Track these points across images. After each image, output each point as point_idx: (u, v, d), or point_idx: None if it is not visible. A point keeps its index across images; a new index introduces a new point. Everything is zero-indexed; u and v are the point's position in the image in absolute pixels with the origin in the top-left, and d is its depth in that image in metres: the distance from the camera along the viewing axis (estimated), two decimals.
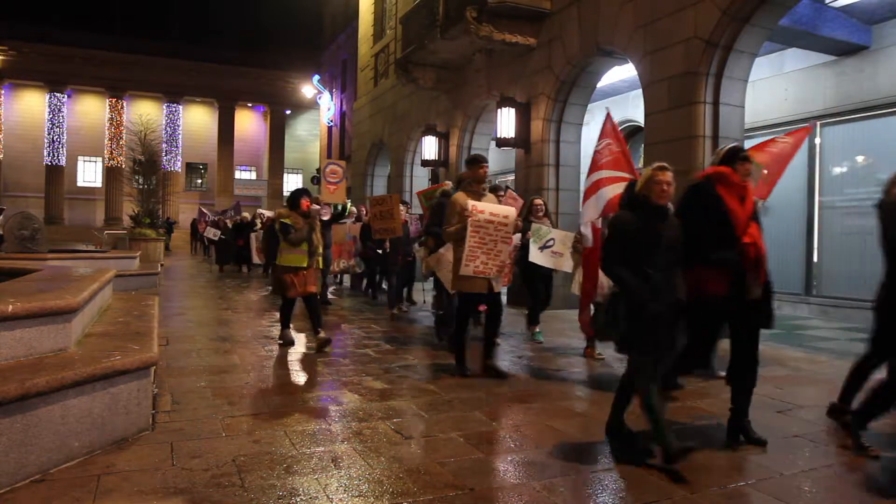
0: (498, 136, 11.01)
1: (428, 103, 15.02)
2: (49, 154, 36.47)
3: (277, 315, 6.93)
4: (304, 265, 6.22)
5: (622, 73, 10.74)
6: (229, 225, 18.99)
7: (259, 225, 15.98)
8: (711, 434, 3.87)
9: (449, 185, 7.74)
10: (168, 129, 38.05)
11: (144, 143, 19.67)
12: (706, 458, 3.46)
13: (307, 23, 43.01)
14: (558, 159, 10.38)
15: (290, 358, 5.97)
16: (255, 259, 16.09)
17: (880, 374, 3.70)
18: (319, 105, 30.10)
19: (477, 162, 5.37)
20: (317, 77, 29.33)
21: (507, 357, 6.17)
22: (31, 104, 36.87)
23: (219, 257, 18.21)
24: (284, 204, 6.73)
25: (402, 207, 9.14)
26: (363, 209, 11.94)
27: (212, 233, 19.12)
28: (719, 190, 3.62)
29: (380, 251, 9.77)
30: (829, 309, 9.28)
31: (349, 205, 12.06)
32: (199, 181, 40.94)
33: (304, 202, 6.29)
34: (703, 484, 3.10)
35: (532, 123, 10.70)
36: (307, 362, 5.81)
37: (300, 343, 6.65)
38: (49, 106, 36.62)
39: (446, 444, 3.60)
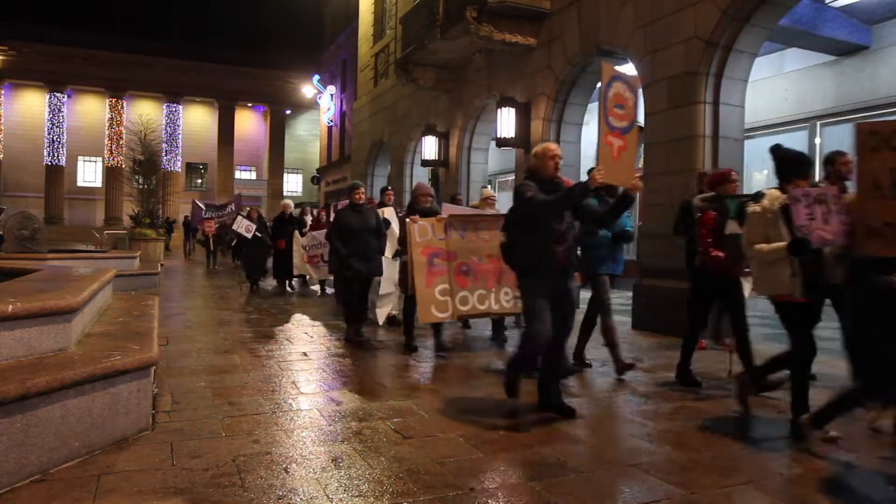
0: (498, 136, 11.02)
1: (428, 103, 15.03)
2: (49, 154, 36.52)
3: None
4: None
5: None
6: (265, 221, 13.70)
7: (308, 223, 12.15)
8: (719, 431, 3.87)
9: None
10: (168, 129, 38.09)
11: (144, 143, 19.70)
12: (705, 456, 3.46)
13: (307, 23, 43.06)
14: None
15: (290, 358, 5.96)
16: (307, 270, 11.19)
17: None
18: (319, 105, 30.11)
19: None
20: (317, 77, 29.35)
21: None
22: (31, 104, 36.91)
23: (250, 268, 12.56)
24: None
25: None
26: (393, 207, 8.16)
27: (244, 227, 12.84)
28: None
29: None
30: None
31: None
32: (199, 181, 40.99)
33: None
34: (701, 483, 3.10)
35: (532, 123, 10.71)
36: (307, 362, 5.81)
37: (299, 341, 6.64)
38: (49, 106, 36.67)
39: (446, 444, 3.60)
